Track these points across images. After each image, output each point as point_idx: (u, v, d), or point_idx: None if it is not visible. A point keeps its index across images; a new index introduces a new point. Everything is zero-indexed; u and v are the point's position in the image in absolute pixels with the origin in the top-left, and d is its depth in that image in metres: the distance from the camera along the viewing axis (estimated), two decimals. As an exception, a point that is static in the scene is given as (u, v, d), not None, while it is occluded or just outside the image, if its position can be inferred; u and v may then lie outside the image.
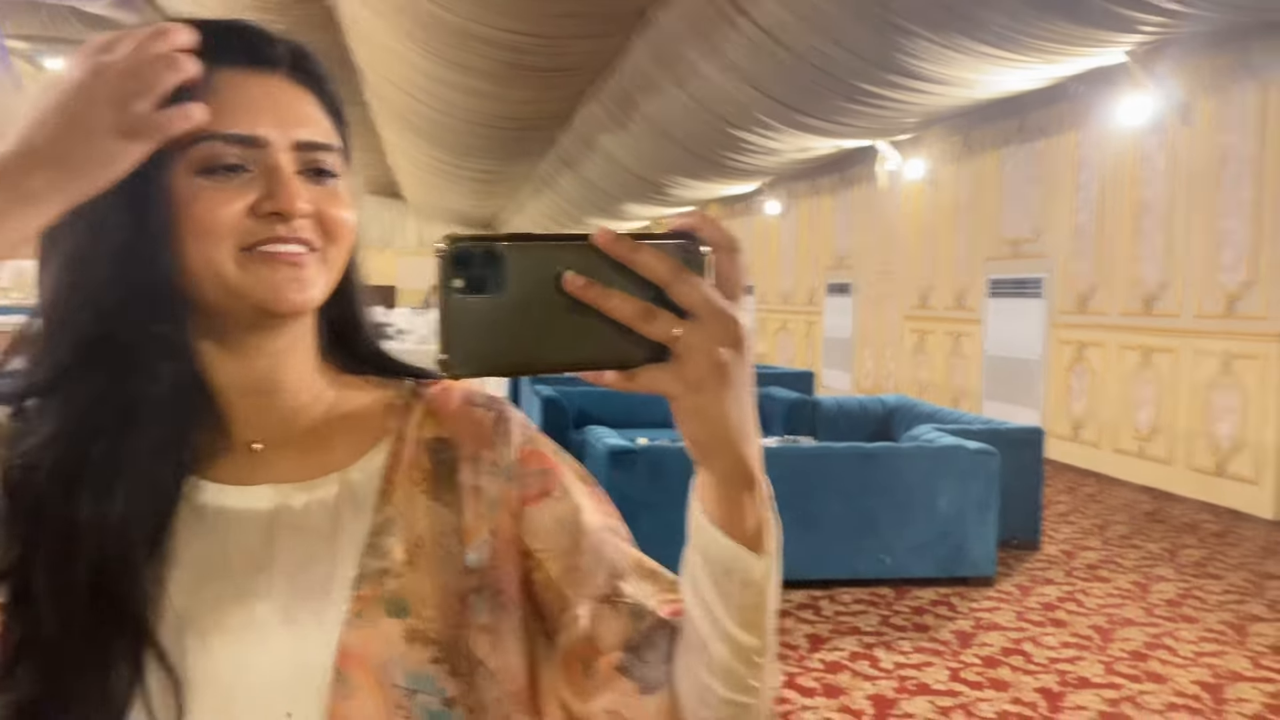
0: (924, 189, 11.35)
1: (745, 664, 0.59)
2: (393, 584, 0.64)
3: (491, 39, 9.09)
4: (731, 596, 0.58)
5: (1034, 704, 3.63)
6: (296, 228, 0.63)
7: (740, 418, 0.54)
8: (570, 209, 18.31)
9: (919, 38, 6.95)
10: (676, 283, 0.51)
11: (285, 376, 0.69)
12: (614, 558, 0.67)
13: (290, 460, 0.68)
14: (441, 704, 0.63)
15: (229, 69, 0.63)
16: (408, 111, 13.24)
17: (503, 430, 0.71)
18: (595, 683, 0.64)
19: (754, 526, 0.57)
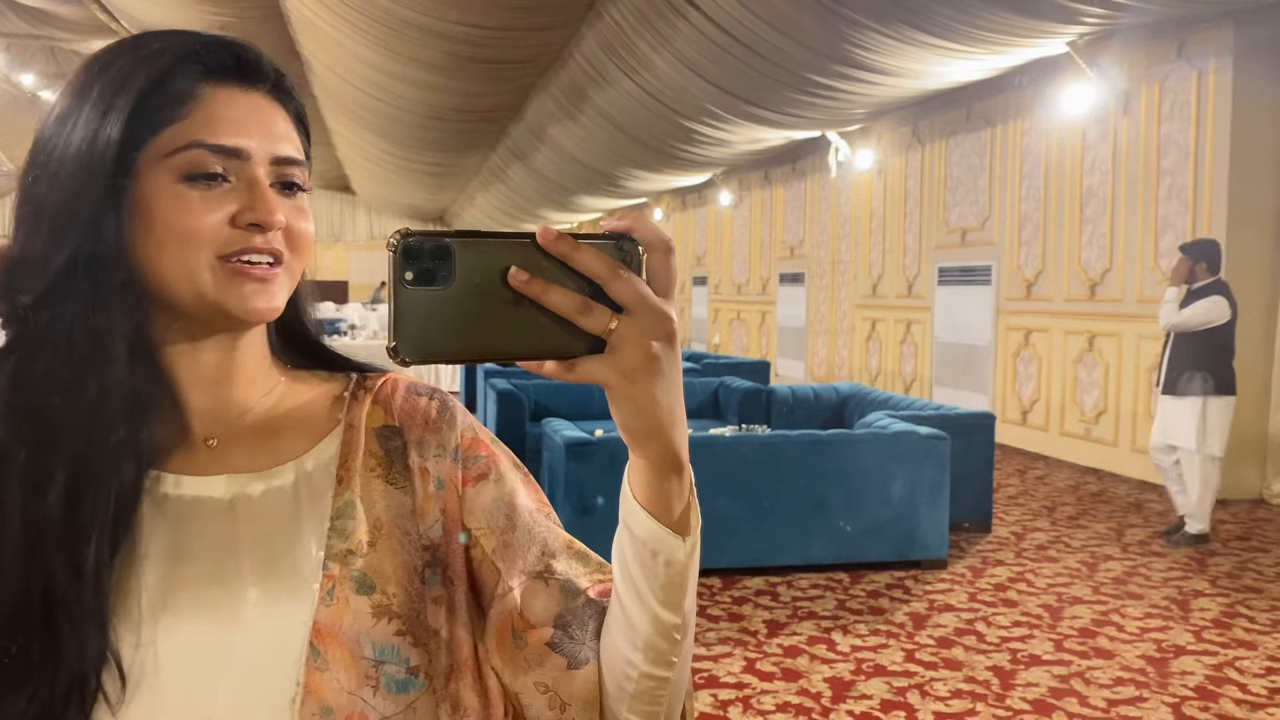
0: (874, 179, 11.47)
1: (666, 640, 0.63)
2: (358, 563, 0.67)
3: (440, 31, 9.02)
4: (656, 576, 0.62)
5: (987, 682, 3.71)
6: (270, 239, 0.66)
7: (670, 406, 0.58)
8: (522, 201, 18.22)
9: (867, 29, 7.03)
10: (612, 279, 0.54)
11: (238, 372, 0.72)
12: (546, 537, 0.71)
13: (244, 452, 0.71)
14: (406, 673, 0.67)
15: (219, 83, 0.67)
16: (356, 105, 13.09)
17: (447, 416, 0.74)
18: (526, 655, 0.68)
19: (680, 510, 0.61)
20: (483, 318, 0.54)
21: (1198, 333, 5.40)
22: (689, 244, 17.68)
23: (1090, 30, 6.84)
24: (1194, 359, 5.44)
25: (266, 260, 0.66)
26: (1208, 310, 5.38)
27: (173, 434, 0.69)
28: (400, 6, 8.56)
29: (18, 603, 0.61)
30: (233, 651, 0.64)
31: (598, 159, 13.36)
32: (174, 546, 0.66)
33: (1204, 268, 5.49)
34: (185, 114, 0.65)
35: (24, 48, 18.81)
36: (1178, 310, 5.47)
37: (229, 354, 0.71)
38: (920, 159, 10.69)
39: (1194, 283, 5.51)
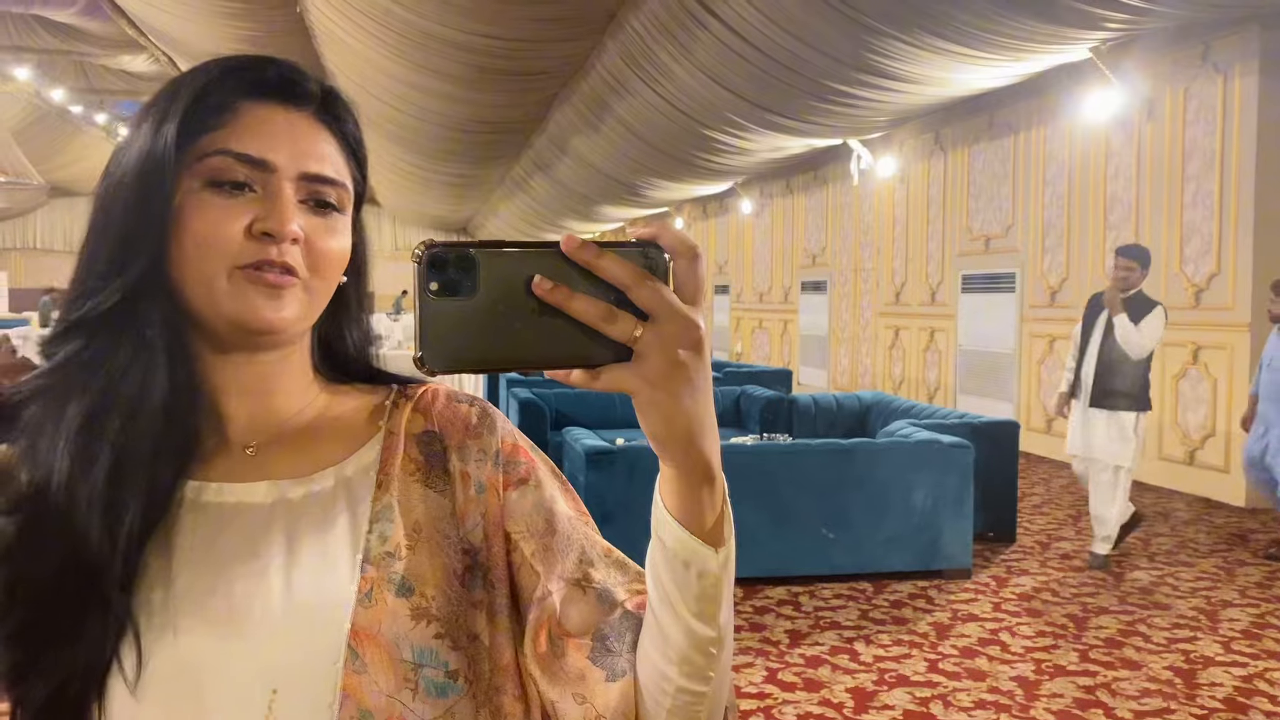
0: (896, 186, 11.44)
1: (701, 654, 0.62)
2: (397, 565, 0.68)
3: (463, 44, 9.09)
4: (689, 588, 0.60)
5: (1011, 693, 3.68)
6: (284, 250, 0.67)
7: (699, 414, 0.56)
8: (544, 211, 18.29)
9: (888, 37, 7.02)
10: (637, 287, 0.53)
11: (276, 384, 0.73)
12: (584, 544, 0.71)
13: (284, 459, 0.72)
14: (445, 676, 0.67)
15: (261, 101, 0.69)
16: (380, 117, 13.19)
17: (488, 422, 0.75)
18: (564, 665, 0.67)
19: (712, 520, 0.60)
20: (508, 327, 0.54)
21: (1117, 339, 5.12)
22: (710, 253, 17.68)
23: (1113, 36, 6.79)
24: (1129, 373, 5.16)
25: (279, 273, 0.67)
26: (1159, 326, 5.13)
27: (213, 442, 0.71)
28: (423, 19, 8.64)
29: (53, 574, 0.63)
30: (271, 652, 0.65)
31: (619, 169, 13.39)
32: (211, 552, 0.67)
33: (1141, 275, 5.22)
34: (221, 124, 0.67)
35: (54, 63, 19.10)
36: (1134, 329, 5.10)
37: (263, 366, 0.72)
38: (943, 166, 10.64)
39: (1131, 290, 5.19)
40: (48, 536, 0.64)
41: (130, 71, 18.98)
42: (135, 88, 20.39)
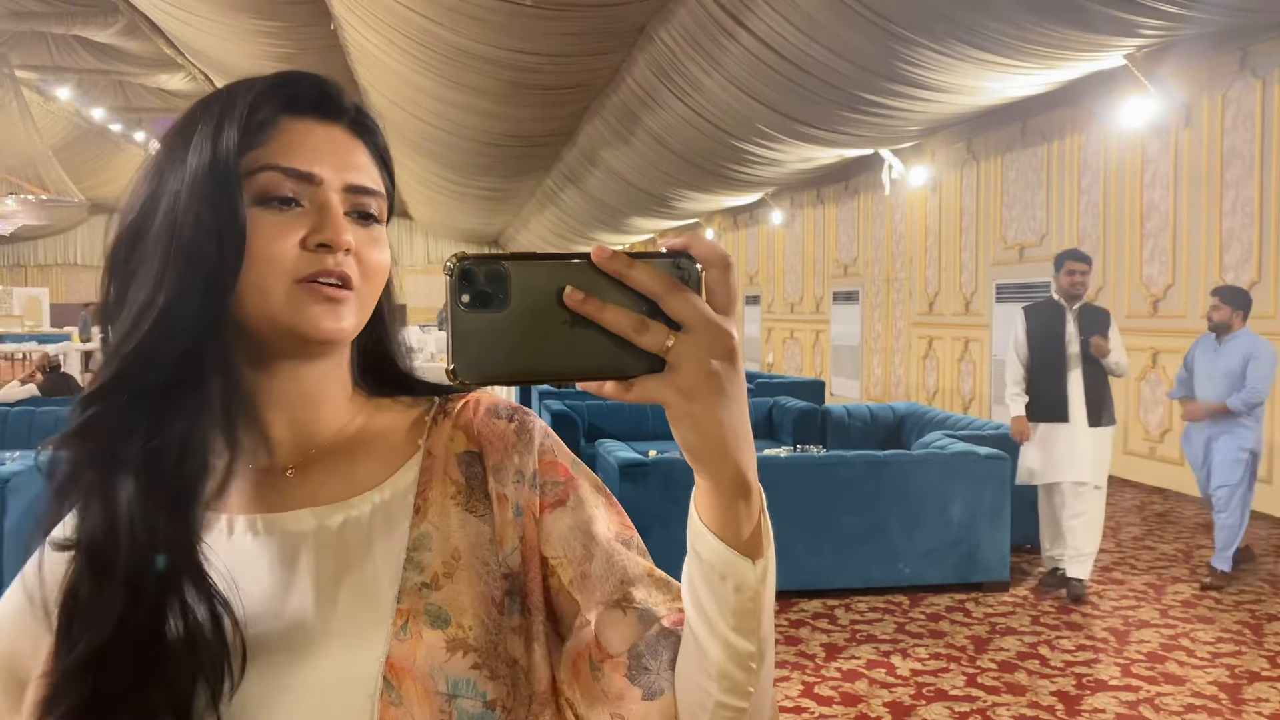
0: (928, 196, 11.38)
1: (741, 668, 0.60)
2: (433, 596, 0.67)
3: (494, 58, 9.17)
4: (726, 601, 0.59)
5: (1051, 707, 3.64)
6: (340, 261, 0.67)
7: (733, 425, 0.55)
8: (575, 224, 18.36)
9: (919, 46, 6.99)
10: (669, 297, 0.53)
11: (322, 400, 0.73)
12: (626, 566, 0.69)
13: (324, 482, 0.71)
14: (483, 707, 0.66)
15: (299, 116, 0.70)
16: (413, 132, 13.31)
17: (525, 439, 0.73)
18: (602, 686, 0.65)
19: (749, 532, 0.58)
20: (540, 339, 0.53)
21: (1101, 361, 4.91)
22: (741, 263, 17.66)
23: (1148, 43, 6.73)
24: (1105, 387, 4.97)
25: (335, 284, 0.67)
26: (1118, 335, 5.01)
27: (255, 466, 0.70)
28: (455, 35, 8.72)
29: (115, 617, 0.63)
30: (308, 686, 0.65)
31: (650, 181, 13.42)
32: (256, 583, 0.68)
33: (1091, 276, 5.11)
34: (265, 140, 0.67)
35: (94, 83, 19.46)
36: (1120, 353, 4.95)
37: (309, 382, 0.72)
38: (976, 175, 10.58)
39: (1080, 297, 5.02)
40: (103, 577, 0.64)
41: (168, 90, 19.28)
42: (173, 105, 20.71)
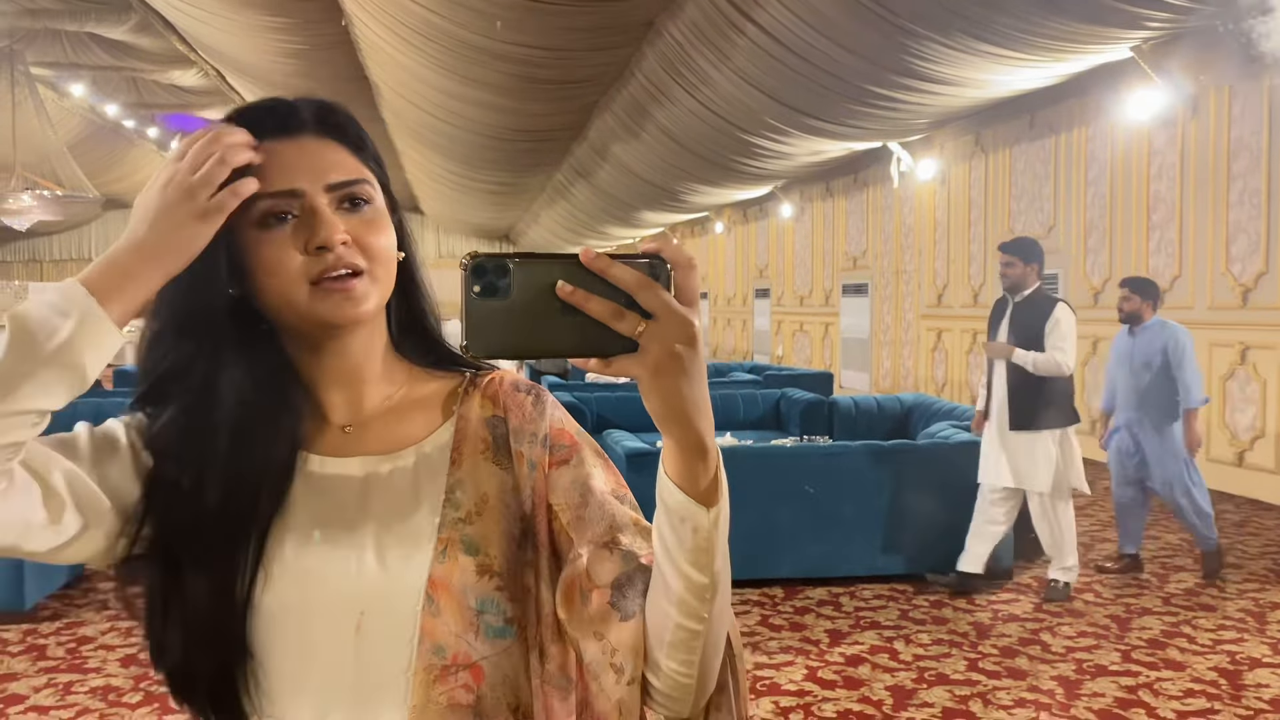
0: (937, 188, 11.39)
1: (696, 598, 0.73)
2: (467, 530, 0.82)
3: (504, 54, 9.22)
4: (685, 541, 0.71)
5: (1051, 691, 3.69)
6: (341, 255, 0.79)
7: (693, 398, 0.67)
8: (585, 218, 18.41)
9: (927, 40, 7.03)
10: (642, 291, 0.64)
11: (364, 372, 0.87)
12: (615, 514, 0.83)
13: (375, 437, 0.86)
14: (503, 622, 0.82)
15: (268, 140, 0.80)
16: (423, 127, 13.39)
17: (540, 409, 0.88)
18: (588, 610, 0.79)
19: (705, 485, 0.70)
20: (536, 322, 0.65)
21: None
22: (751, 256, 17.69)
23: (1155, 35, 6.75)
24: (1034, 389, 4.62)
25: (344, 274, 0.80)
26: (1068, 333, 4.58)
27: (317, 424, 0.86)
28: (464, 30, 8.79)
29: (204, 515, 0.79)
30: (362, 600, 0.80)
31: (659, 174, 13.47)
32: (315, 513, 0.82)
33: (1035, 270, 4.76)
34: (248, 168, 0.78)
35: (107, 79, 19.58)
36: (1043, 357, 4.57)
37: (352, 357, 0.86)
38: (984, 167, 10.59)
39: (1024, 290, 4.74)
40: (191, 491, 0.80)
41: (180, 86, 19.40)
42: (185, 101, 20.83)
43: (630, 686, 0.77)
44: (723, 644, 0.77)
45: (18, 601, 4.47)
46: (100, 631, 4.39)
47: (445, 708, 0.79)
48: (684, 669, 0.75)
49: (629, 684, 0.77)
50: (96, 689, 3.74)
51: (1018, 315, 4.74)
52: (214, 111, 21.42)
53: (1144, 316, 5.16)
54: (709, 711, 0.79)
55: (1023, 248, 4.84)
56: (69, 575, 4.94)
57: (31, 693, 3.72)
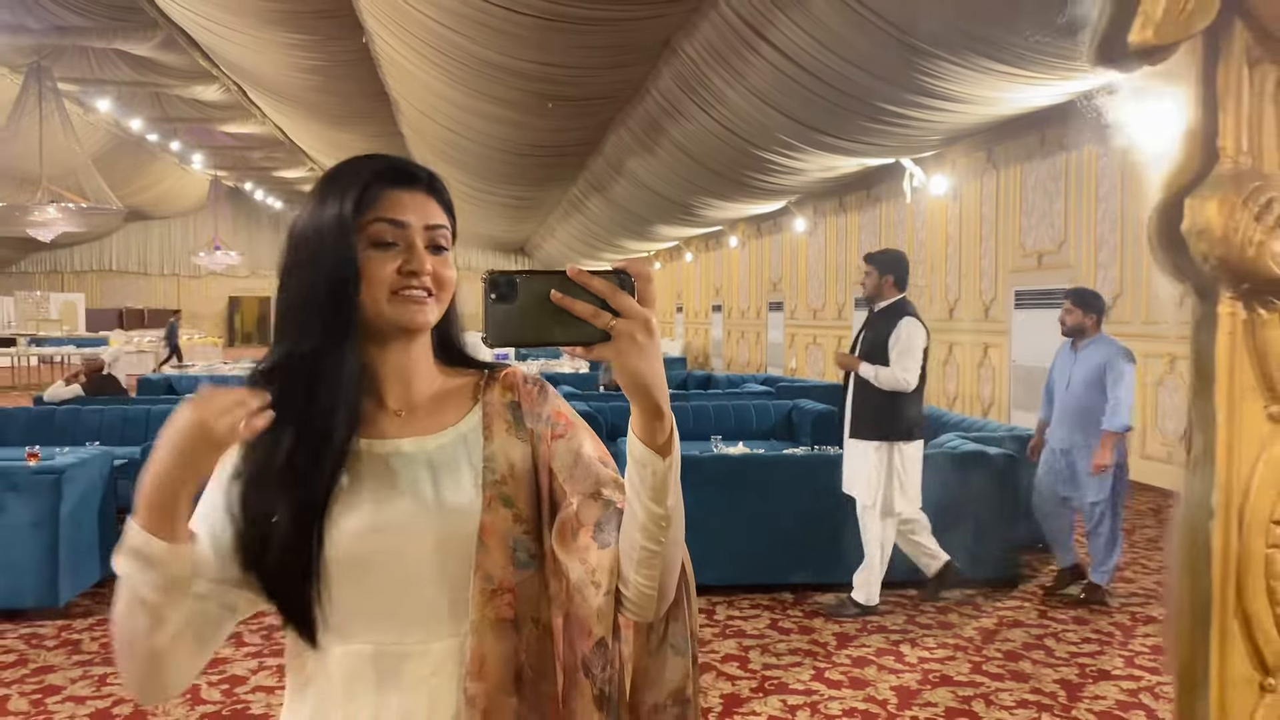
0: (949, 204, 11.51)
1: (655, 524, 0.95)
2: (503, 489, 1.08)
3: (521, 71, 9.41)
4: (646, 481, 0.94)
5: (1053, 694, 3.79)
6: (424, 281, 1.06)
7: (651, 373, 0.90)
8: (600, 231, 18.59)
9: (938, 59, 7.16)
10: (613, 296, 0.89)
11: (416, 368, 1.13)
12: (599, 473, 1.08)
13: (421, 421, 1.12)
14: (529, 557, 1.08)
15: (393, 186, 1.08)
16: (441, 142, 13.59)
17: (543, 396, 1.15)
18: (576, 543, 1.04)
19: (662, 440, 0.93)
20: (536, 320, 0.89)
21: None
22: (764, 270, 17.83)
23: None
24: (874, 399, 4.59)
25: (421, 293, 1.06)
26: (911, 346, 4.54)
27: (376, 410, 1.10)
28: (483, 48, 8.98)
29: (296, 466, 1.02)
30: (427, 544, 1.05)
31: (674, 189, 13.63)
32: (378, 484, 1.06)
33: (890, 281, 4.69)
34: (374, 204, 1.06)
35: (132, 94, 19.91)
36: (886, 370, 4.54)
37: (406, 357, 1.11)
38: (995, 183, 10.71)
39: (880, 300, 4.72)
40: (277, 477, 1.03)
41: (203, 101, 19.72)
42: (207, 115, 21.16)
43: (606, 597, 0.99)
44: (678, 567, 1.00)
45: (52, 599, 4.63)
46: (131, 628, 4.54)
47: (494, 620, 1.05)
48: (648, 583, 0.98)
49: (605, 595, 0.99)
50: (129, 682, 3.89)
51: (870, 325, 4.72)
52: (235, 125, 21.81)
53: (1087, 331, 4.96)
54: (668, 620, 1.03)
55: (881, 259, 4.77)
56: (101, 574, 5.09)
57: (68, 684, 3.87)
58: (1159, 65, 0.57)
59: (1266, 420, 0.58)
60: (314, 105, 14.92)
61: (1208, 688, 0.59)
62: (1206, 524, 0.58)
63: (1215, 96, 0.57)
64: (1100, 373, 4.82)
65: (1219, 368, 0.58)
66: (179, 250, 33.79)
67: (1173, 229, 0.58)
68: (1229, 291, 0.58)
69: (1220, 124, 0.57)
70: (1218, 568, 0.58)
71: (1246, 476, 0.58)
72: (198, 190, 30.47)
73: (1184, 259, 0.59)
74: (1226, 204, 0.56)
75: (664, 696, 1.04)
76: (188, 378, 10.96)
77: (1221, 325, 0.58)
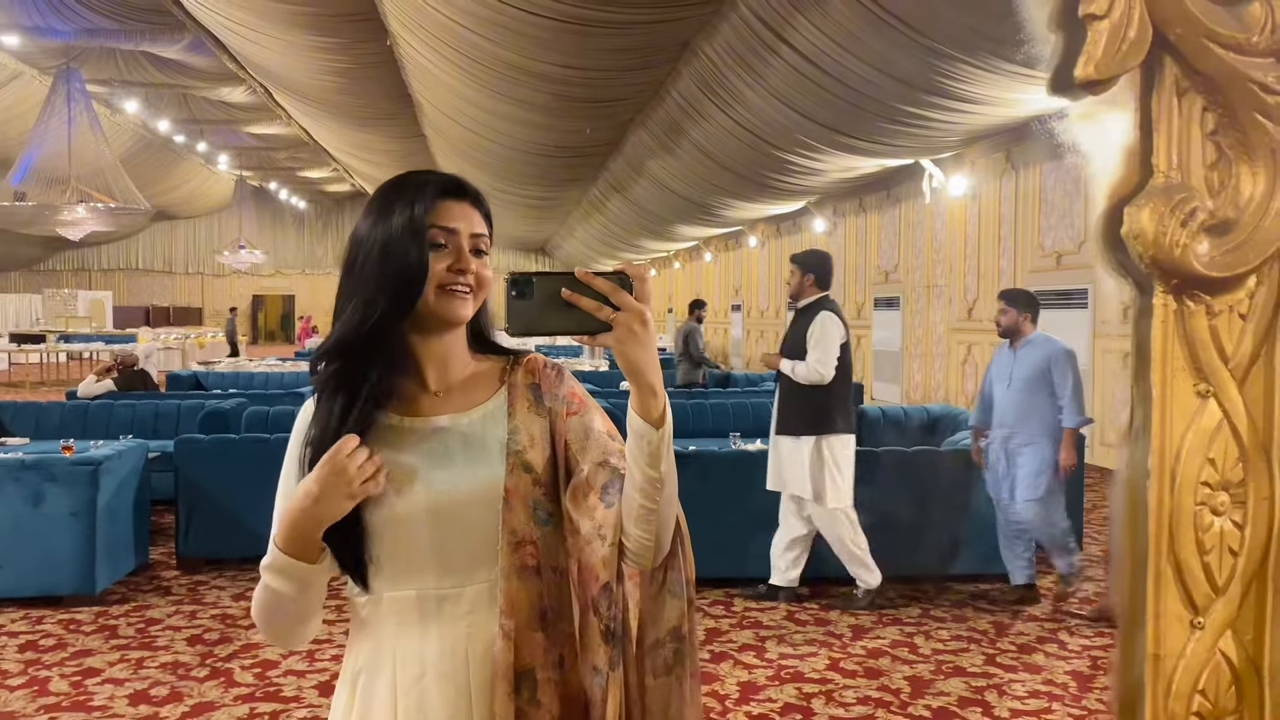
0: (968, 204, 11.56)
1: (650, 485, 1.13)
2: (524, 457, 1.26)
3: (543, 73, 9.54)
4: (643, 449, 1.11)
5: (1065, 685, 3.87)
6: (468, 279, 1.24)
7: (646, 358, 1.07)
8: (619, 231, 18.72)
9: (957, 61, 7.23)
10: (614, 294, 1.06)
11: (452, 354, 1.30)
12: (607, 445, 1.26)
13: (456, 400, 1.29)
14: (547, 515, 1.25)
15: (445, 197, 1.27)
16: (463, 143, 13.75)
17: (559, 378, 1.32)
18: (586, 504, 1.22)
19: (656, 415, 1.10)
20: (550, 313, 1.06)
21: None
22: (784, 270, 17.88)
23: (1180, 55, 6.90)
24: (796, 395, 4.70)
25: (464, 290, 1.24)
26: (825, 340, 4.65)
27: (416, 390, 1.28)
28: (504, 50, 9.11)
29: None
30: (454, 499, 1.23)
31: (693, 190, 13.73)
32: (423, 452, 1.25)
33: (811, 281, 4.84)
34: (431, 210, 1.23)
35: (159, 96, 20.20)
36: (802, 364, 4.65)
37: (445, 345, 1.28)
38: (1014, 184, 10.75)
39: (801, 299, 4.86)
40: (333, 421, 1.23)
41: (229, 102, 19.99)
42: (233, 117, 21.44)
43: (611, 548, 1.18)
44: (672, 523, 1.18)
45: (89, 586, 4.78)
46: (166, 614, 4.69)
47: (520, 567, 1.22)
48: (646, 535, 1.15)
49: (610, 546, 1.18)
50: (166, 664, 4.04)
51: (793, 323, 4.87)
52: (260, 126, 22.08)
53: (1023, 330, 4.90)
54: (666, 568, 1.19)
55: (804, 260, 4.91)
56: (135, 562, 5.25)
57: (107, 667, 4.02)
58: (1102, 95, 0.67)
59: (1195, 396, 0.68)
60: (338, 107, 15.12)
61: (1145, 626, 0.68)
62: (1144, 484, 0.68)
63: (1150, 121, 0.67)
64: (1042, 372, 4.76)
65: (1155, 351, 0.68)
66: (204, 249, 34.20)
67: (1114, 233, 0.68)
68: (1162, 286, 0.68)
69: (1154, 144, 0.67)
70: (1154, 522, 0.68)
71: (1178, 444, 0.68)
72: (223, 190, 30.85)
73: (1125, 258, 0.69)
74: (1157, 212, 0.66)
75: (664, 633, 1.20)
76: (215, 374, 11.15)
77: (1156, 315, 0.68)
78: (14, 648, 4.23)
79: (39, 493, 4.74)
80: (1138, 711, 0.69)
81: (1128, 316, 3.31)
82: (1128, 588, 0.70)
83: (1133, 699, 0.69)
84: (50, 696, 3.72)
